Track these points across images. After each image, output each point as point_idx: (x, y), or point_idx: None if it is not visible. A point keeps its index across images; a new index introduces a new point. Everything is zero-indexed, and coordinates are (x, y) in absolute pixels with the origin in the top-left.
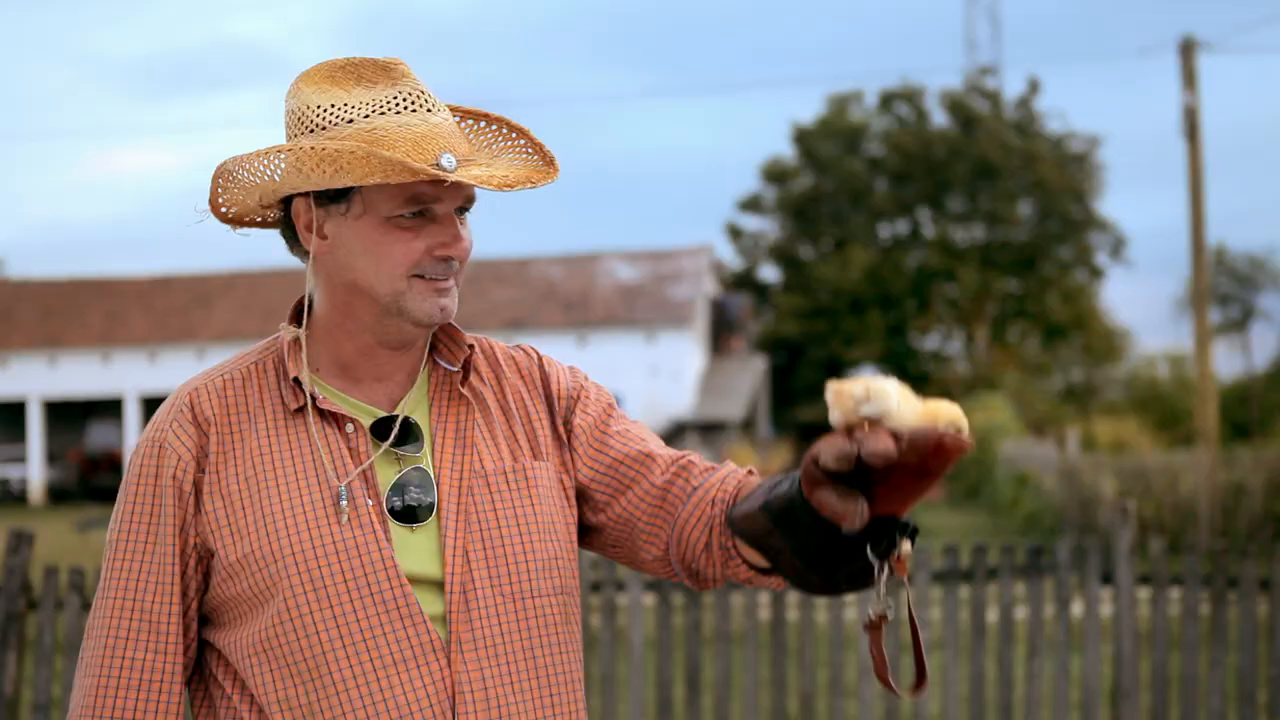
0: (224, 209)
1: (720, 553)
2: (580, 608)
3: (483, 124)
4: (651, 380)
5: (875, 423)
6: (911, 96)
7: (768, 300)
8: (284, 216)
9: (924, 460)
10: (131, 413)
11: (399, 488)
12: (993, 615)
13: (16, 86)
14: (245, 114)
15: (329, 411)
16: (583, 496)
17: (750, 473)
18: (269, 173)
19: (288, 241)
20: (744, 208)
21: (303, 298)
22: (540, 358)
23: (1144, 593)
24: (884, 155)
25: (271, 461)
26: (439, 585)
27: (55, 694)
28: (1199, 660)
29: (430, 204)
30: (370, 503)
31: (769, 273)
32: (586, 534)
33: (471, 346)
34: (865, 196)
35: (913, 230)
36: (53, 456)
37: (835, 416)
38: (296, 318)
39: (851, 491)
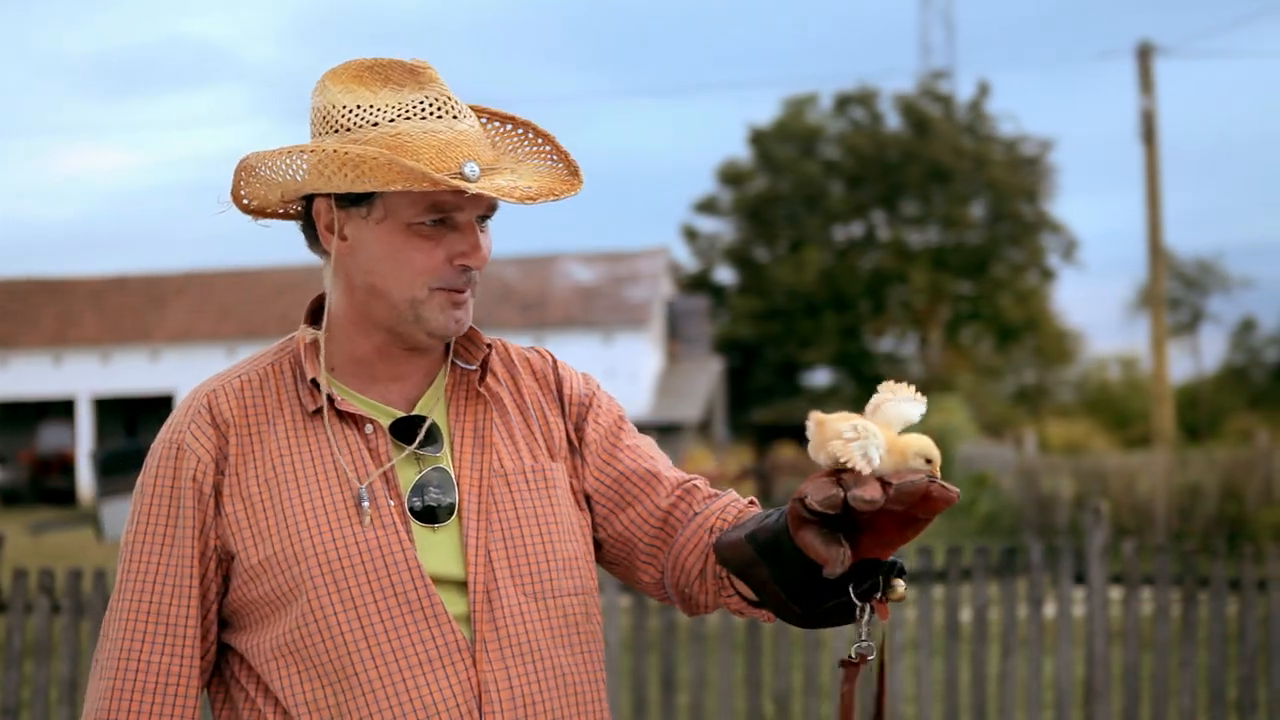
0: (245, 201)
1: (714, 581)
2: (599, 604)
3: (508, 127)
4: (608, 382)
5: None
6: (866, 100)
7: (723, 302)
8: (305, 212)
9: (910, 509)
10: (84, 414)
11: (419, 488)
12: (966, 615)
13: None
14: (199, 114)
15: (347, 413)
16: (587, 505)
17: (751, 503)
18: (291, 172)
19: (308, 238)
20: (700, 209)
21: (320, 296)
22: (554, 361)
23: (1116, 593)
24: (839, 158)
25: (292, 463)
26: (461, 585)
27: (25, 697)
28: (1170, 659)
29: (451, 212)
30: (392, 503)
31: (725, 274)
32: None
33: (490, 346)
34: (820, 199)
35: (867, 233)
36: (3, 459)
37: (821, 457)
38: (313, 318)
39: (835, 535)
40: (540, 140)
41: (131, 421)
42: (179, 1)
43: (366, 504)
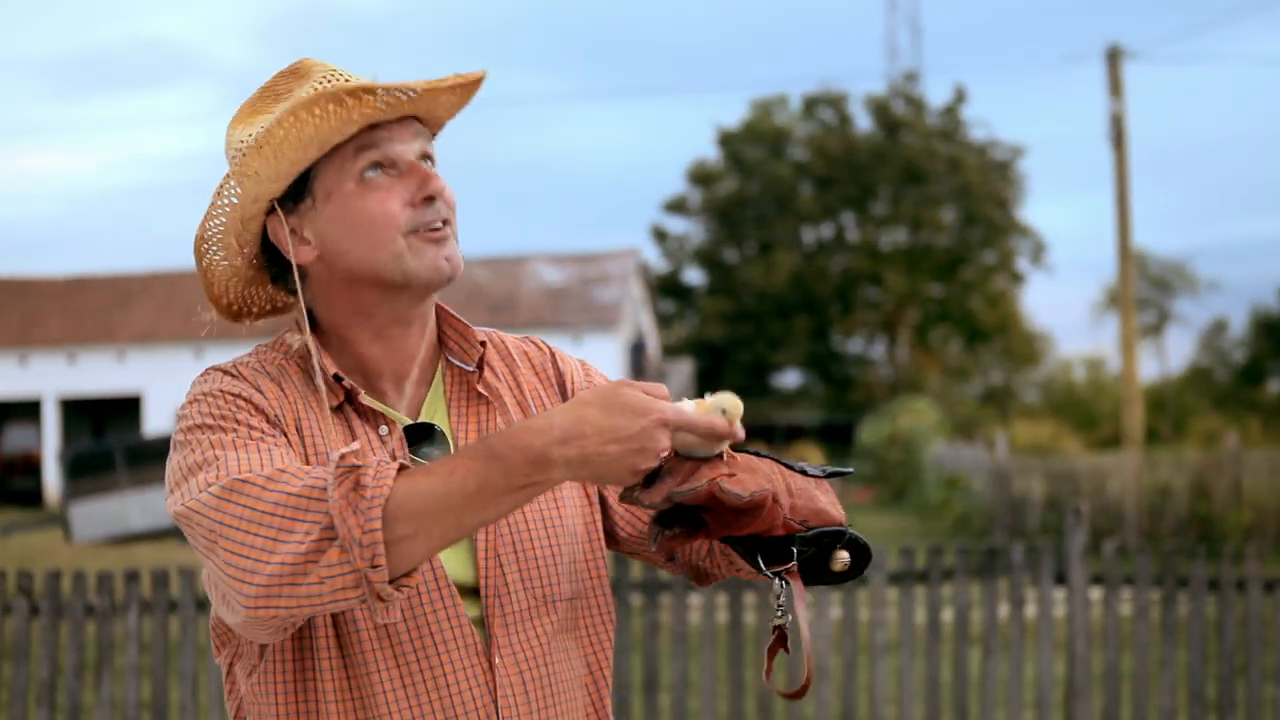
0: (222, 299)
1: (721, 557)
2: (611, 608)
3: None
4: None
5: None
6: (835, 101)
7: (693, 303)
8: (275, 275)
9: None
10: (50, 414)
11: None
12: (948, 616)
13: None
14: (163, 114)
15: (368, 411)
16: (599, 499)
17: None
18: (227, 204)
19: (291, 293)
20: (669, 209)
21: (298, 319)
22: (552, 352)
23: (1096, 593)
24: (808, 159)
25: (326, 452)
26: (473, 590)
27: (3, 699)
28: (1150, 659)
29: (385, 150)
30: None
31: (694, 276)
32: (606, 539)
33: (484, 344)
34: (790, 200)
35: (837, 234)
36: None
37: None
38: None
39: (669, 517)
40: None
41: (99, 422)
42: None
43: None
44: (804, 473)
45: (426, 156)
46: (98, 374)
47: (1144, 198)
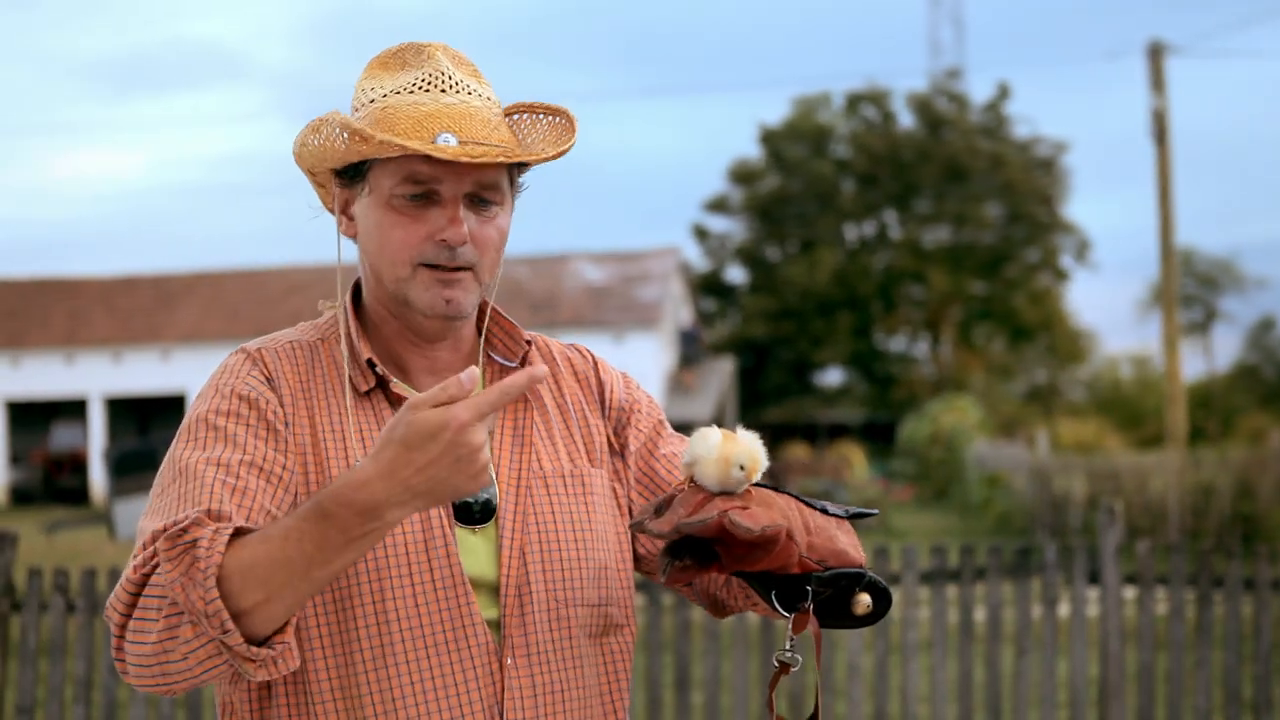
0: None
1: (740, 590)
2: (634, 615)
3: (554, 119)
4: None
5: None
6: (878, 99)
7: (735, 302)
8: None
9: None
10: (95, 414)
11: None
12: (980, 615)
13: None
14: (209, 114)
15: (399, 397)
16: (629, 513)
17: None
18: (300, 149)
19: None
20: (711, 209)
21: (357, 280)
22: (596, 361)
23: (1130, 592)
24: (851, 157)
25: (342, 439)
26: (493, 588)
27: (40, 696)
28: (1185, 659)
29: (432, 185)
30: None
31: (736, 274)
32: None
33: (529, 343)
34: (832, 198)
35: (880, 232)
36: (16, 458)
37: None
38: (355, 300)
39: (680, 548)
40: (569, 123)
41: (144, 421)
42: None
43: None
44: (825, 511)
45: (476, 195)
46: (143, 373)
47: (1189, 194)
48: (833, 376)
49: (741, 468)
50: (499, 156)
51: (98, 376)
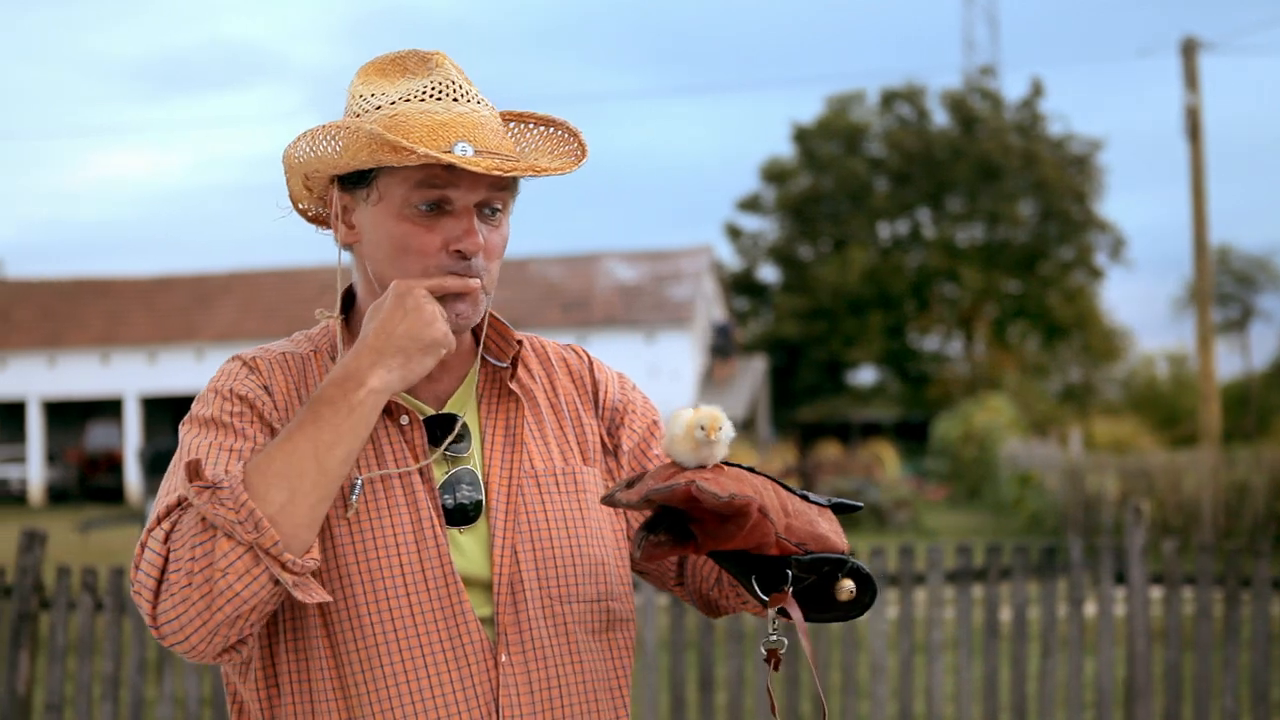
0: (300, 205)
1: (730, 588)
2: (634, 615)
3: (550, 130)
4: (651, 380)
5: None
6: (913, 96)
7: (767, 301)
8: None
9: (702, 508)
10: (131, 413)
11: (449, 486)
12: (1006, 615)
13: (15, 86)
14: (245, 114)
15: (391, 404)
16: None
17: None
18: (299, 154)
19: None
20: (743, 207)
21: (349, 287)
22: (591, 362)
23: (1157, 592)
24: (884, 155)
25: None
26: (487, 586)
27: (68, 693)
28: (1212, 660)
29: (446, 190)
30: (429, 500)
31: (768, 273)
32: None
33: (520, 342)
34: (865, 196)
35: (913, 230)
36: (52, 457)
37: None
38: (346, 307)
39: (657, 525)
40: (571, 138)
41: (179, 420)
42: (224, 2)
43: (356, 494)
44: (805, 498)
45: (488, 204)
46: (178, 372)
47: (1227, 191)
48: (866, 375)
49: (702, 428)
50: (527, 171)
51: (133, 376)
